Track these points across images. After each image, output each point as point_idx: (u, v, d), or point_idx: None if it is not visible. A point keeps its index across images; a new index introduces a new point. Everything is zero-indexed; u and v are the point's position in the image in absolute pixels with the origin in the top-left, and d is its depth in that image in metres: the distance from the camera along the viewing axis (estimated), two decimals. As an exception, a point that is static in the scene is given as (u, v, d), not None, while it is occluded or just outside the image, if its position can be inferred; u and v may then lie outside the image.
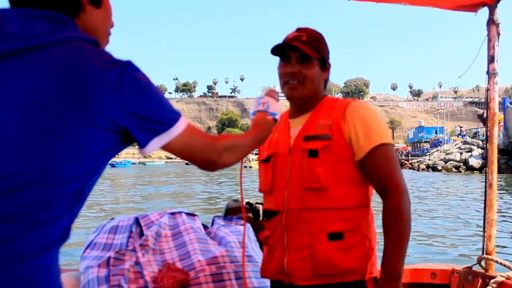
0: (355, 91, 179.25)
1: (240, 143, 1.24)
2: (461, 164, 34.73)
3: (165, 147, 1.04)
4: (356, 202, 1.51)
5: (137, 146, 1.02)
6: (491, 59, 2.58)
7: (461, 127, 64.57)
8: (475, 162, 33.77)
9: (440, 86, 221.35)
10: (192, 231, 2.21)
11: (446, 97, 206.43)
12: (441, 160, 37.21)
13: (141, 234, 2.18)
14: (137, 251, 2.04)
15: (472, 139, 40.01)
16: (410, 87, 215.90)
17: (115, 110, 0.94)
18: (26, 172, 0.87)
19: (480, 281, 2.47)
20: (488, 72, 2.60)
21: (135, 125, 0.97)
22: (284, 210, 1.55)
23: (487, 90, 2.64)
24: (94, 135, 0.93)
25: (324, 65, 1.61)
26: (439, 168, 36.46)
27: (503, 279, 2.35)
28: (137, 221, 2.23)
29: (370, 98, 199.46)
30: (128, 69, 0.97)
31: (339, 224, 1.48)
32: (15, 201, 0.86)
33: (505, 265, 2.45)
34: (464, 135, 47.62)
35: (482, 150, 34.40)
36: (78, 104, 0.90)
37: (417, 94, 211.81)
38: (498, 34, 2.59)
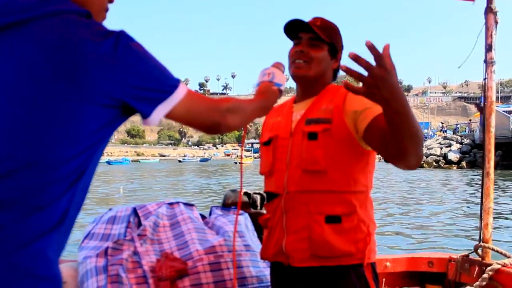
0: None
1: (243, 106, 1.22)
2: (441, 158, 36.23)
3: (168, 115, 1.01)
4: (355, 186, 1.52)
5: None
6: (488, 48, 2.58)
7: (442, 123, 67.10)
8: (453, 156, 35.27)
9: (430, 82, 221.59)
10: (190, 221, 2.21)
11: (435, 92, 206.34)
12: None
13: (139, 224, 2.18)
14: (135, 241, 2.04)
15: (452, 135, 41.62)
16: (400, 82, 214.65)
17: (111, 84, 0.91)
18: (19, 155, 0.85)
19: (476, 269, 2.49)
20: (485, 61, 2.59)
21: (134, 97, 0.95)
22: (283, 192, 1.56)
23: (485, 79, 2.63)
24: (89, 111, 0.90)
25: (334, 54, 1.63)
26: (421, 162, 37.33)
27: (499, 266, 2.36)
28: (135, 211, 2.23)
29: None
30: (122, 39, 0.94)
31: (337, 208, 1.49)
32: (9, 186, 0.84)
33: (501, 253, 2.47)
34: (445, 130, 48.72)
35: (461, 145, 36.32)
36: (70, 81, 0.87)
37: (407, 89, 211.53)
38: (496, 22, 2.58)
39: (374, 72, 1.06)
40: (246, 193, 2.57)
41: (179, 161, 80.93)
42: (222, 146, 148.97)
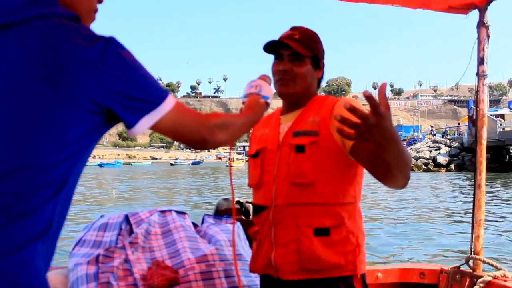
0: (337, 90, 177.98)
1: (232, 122, 1.20)
2: (430, 161, 37.44)
3: (154, 127, 0.99)
4: (343, 198, 1.52)
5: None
6: (481, 61, 2.60)
7: (432, 126, 69.51)
8: (442, 159, 36.53)
9: (420, 85, 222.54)
10: (182, 229, 2.20)
11: (426, 95, 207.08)
12: (412, 158, 39.81)
13: (131, 231, 2.17)
14: (126, 248, 2.03)
15: (441, 138, 42.89)
16: (391, 86, 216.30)
17: (97, 90, 0.89)
18: (3, 161, 0.83)
19: (468, 280, 2.49)
20: (477, 74, 2.62)
21: (120, 105, 0.92)
22: (271, 205, 1.56)
23: (477, 91, 2.66)
24: (74, 117, 0.88)
25: (317, 64, 1.63)
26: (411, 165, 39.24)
27: (490, 278, 2.37)
28: (126, 218, 2.23)
29: (352, 97, 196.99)
30: (111, 45, 0.92)
31: (326, 220, 1.49)
32: None
33: (492, 265, 2.48)
34: (435, 134, 49.92)
35: (449, 148, 37.63)
36: (55, 86, 0.85)
37: (398, 93, 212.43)
38: (488, 36, 2.61)
39: (368, 122, 1.08)
40: (238, 202, 2.57)
41: (171, 164, 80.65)
42: (214, 149, 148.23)
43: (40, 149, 0.85)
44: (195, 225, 2.39)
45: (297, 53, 1.56)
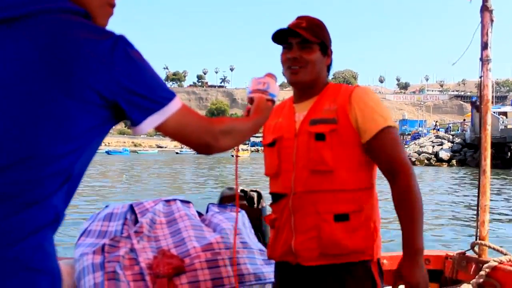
0: (343, 82, 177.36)
1: (238, 127, 1.20)
2: (432, 156, 38.33)
3: (159, 128, 0.99)
4: (361, 184, 1.54)
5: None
6: (484, 46, 2.59)
7: (436, 121, 70.81)
8: (444, 154, 37.47)
9: (427, 79, 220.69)
10: (187, 218, 2.20)
11: (432, 90, 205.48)
12: (415, 152, 40.97)
13: (136, 221, 2.18)
14: (132, 238, 2.04)
15: (444, 134, 44.07)
16: (398, 80, 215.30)
17: (104, 84, 0.90)
18: (12, 150, 0.85)
19: (473, 266, 2.49)
20: (481, 59, 2.60)
21: (127, 100, 0.93)
22: (291, 192, 1.57)
23: (480, 77, 2.64)
24: (81, 110, 0.89)
25: (325, 51, 1.64)
26: (413, 160, 40.44)
27: (495, 263, 2.37)
28: (131, 208, 2.23)
29: None
30: (120, 44, 0.92)
31: (345, 206, 1.51)
32: (4, 180, 0.84)
33: (497, 250, 2.47)
34: (439, 129, 50.70)
35: (452, 144, 38.62)
36: (63, 79, 0.86)
37: (404, 87, 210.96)
38: (492, 20, 2.59)
39: None
40: (242, 191, 2.57)
41: (176, 153, 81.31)
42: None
43: (47, 140, 0.87)
44: (200, 214, 2.39)
45: (305, 40, 1.56)
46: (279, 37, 1.61)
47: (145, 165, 34.58)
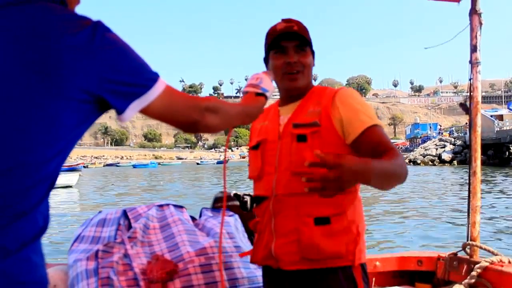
0: (357, 88, 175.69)
1: (225, 108, 1.16)
2: (436, 158, 43.27)
3: (144, 111, 0.96)
4: None
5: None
6: (473, 49, 2.62)
7: (440, 125, 75.20)
8: (446, 156, 42.49)
9: (441, 81, 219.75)
10: (180, 223, 2.21)
11: (446, 92, 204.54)
12: (420, 155, 45.81)
13: (129, 226, 2.18)
14: (125, 243, 2.04)
15: (447, 137, 49.32)
16: (412, 83, 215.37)
17: (87, 78, 0.86)
18: (1, 160, 0.80)
19: (465, 266, 2.52)
20: (471, 62, 2.63)
21: (111, 92, 0.90)
22: (272, 195, 1.56)
23: (470, 79, 2.67)
24: (66, 109, 0.85)
25: (313, 53, 1.64)
26: (419, 162, 44.97)
27: (487, 264, 2.39)
28: (124, 214, 2.22)
29: (372, 95, 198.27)
30: (99, 30, 0.88)
31: (326, 209, 1.48)
32: None
33: (488, 251, 2.50)
34: (441, 132, 52.80)
35: (454, 146, 43.34)
36: (43, 76, 0.82)
37: (418, 90, 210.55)
38: (481, 23, 2.62)
39: (330, 178, 1.13)
40: (236, 195, 2.57)
41: (197, 164, 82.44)
42: (237, 148, 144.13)
43: (35, 144, 0.83)
44: (193, 218, 2.40)
45: (303, 43, 1.55)
46: (271, 41, 1.58)
47: (177, 173, 39.83)
